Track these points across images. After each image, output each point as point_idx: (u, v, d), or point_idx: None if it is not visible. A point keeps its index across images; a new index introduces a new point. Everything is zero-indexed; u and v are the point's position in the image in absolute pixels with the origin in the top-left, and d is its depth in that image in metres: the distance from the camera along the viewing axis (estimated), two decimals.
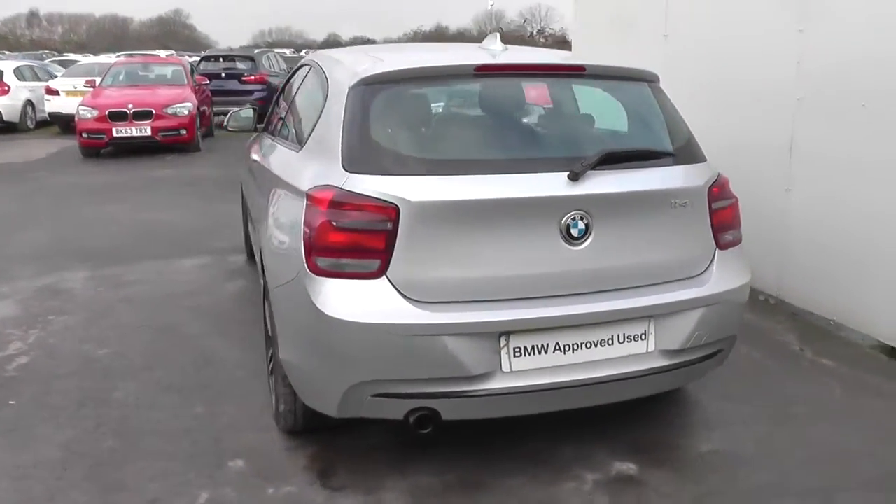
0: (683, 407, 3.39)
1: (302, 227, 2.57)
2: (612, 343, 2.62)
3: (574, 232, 2.53)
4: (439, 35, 71.89)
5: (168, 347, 4.09)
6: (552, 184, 2.54)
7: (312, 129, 2.95)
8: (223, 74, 15.70)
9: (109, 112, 11.09)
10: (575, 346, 2.57)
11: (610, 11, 6.42)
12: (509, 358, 2.50)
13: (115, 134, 11.09)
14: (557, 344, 2.55)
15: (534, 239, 2.53)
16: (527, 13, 63.97)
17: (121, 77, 12.96)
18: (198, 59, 19.24)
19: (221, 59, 16.97)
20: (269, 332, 3.11)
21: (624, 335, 2.63)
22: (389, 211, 2.42)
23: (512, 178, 2.55)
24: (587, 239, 2.56)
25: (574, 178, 2.53)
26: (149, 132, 11.20)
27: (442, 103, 2.88)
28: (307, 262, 2.50)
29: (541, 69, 2.88)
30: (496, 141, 2.82)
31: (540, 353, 2.53)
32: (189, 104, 11.65)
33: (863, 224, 4.01)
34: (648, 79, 2.99)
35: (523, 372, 2.52)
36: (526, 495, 2.73)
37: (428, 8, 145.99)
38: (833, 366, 3.81)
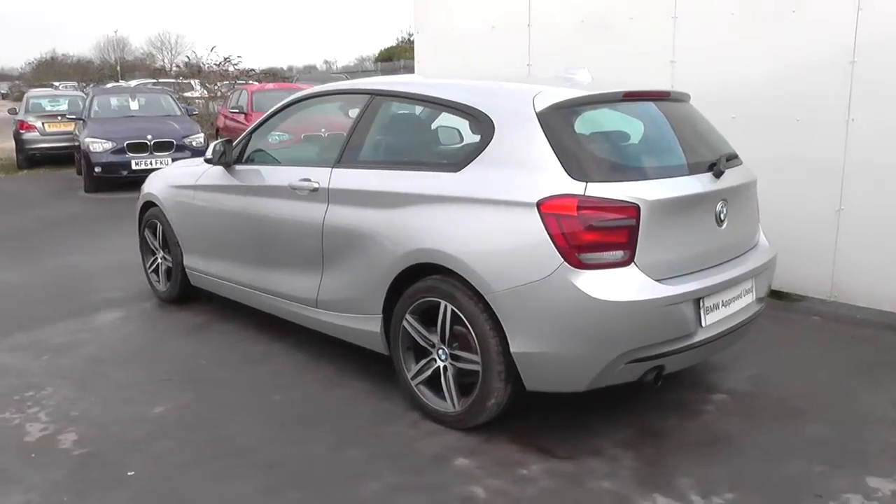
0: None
1: (543, 231, 3.00)
2: (741, 296, 3.50)
3: (721, 216, 3.38)
4: (61, 63, 63.59)
5: (226, 392, 3.90)
6: (708, 181, 3.35)
7: (480, 151, 3.31)
8: None
9: None
10: (728, 302, 3.40)
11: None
12: (704, 315, 3.24)
13: None
14: (722, 301, 3.36)
15: (702, 223, 3.32)
16: (156, 41, 60.92)
17: None
18: None
19: None
20: None
21: (744, 289, 3.53)
22: (632, 210, 3.01)
23: (691, 178, 3.29)
24: (725, 221, 3.42)
25: (718, 175, 3.38)
26: None
27: (604, 122, 3.48)
28: (569, 258, 2.95)
29: (656, 95, 3.66)
30: (666, 150, 3.54)
31: (715, 309, 3.31)
32: None
33: None
34: (688, 99, 3.95)
35: (711, 325, 3.27)
36: (686, 427, 3.48)
37: (44, 36, 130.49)
38: None
